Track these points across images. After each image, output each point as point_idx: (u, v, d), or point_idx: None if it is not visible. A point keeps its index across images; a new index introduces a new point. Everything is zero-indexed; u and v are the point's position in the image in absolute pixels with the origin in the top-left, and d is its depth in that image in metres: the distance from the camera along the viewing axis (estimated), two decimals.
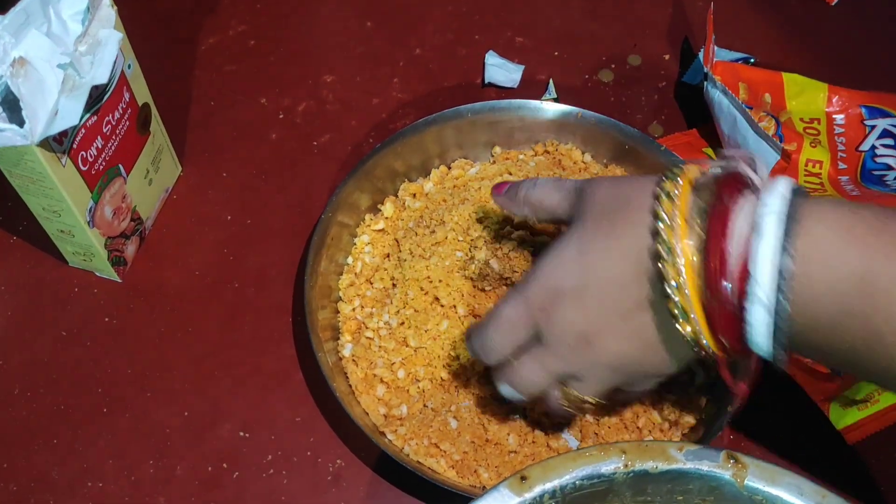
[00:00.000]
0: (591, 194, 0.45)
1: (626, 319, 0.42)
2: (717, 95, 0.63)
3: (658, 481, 0.43)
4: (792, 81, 0.69)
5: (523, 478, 0.42)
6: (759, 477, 0.42)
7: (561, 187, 0.47)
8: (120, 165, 0.57)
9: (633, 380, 0.46)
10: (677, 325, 0.40)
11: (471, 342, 0.48)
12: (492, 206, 0.60)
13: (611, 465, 0.42)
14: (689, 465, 0.42)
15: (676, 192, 0.40)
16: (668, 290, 0.39)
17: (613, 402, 0.53)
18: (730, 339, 0.39)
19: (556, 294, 0.43)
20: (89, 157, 0.52)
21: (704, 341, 0.40)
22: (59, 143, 0.49)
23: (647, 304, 0.41)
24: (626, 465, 0.42)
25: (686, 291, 0.39)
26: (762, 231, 0.36)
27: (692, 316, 0.39)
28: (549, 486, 0.42)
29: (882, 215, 0.36)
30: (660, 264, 0.39)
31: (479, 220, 0.58)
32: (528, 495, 0.41)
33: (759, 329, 0.37)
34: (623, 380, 0.46)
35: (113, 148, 0.55)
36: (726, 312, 0.38)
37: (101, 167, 0.54)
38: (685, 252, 0.39)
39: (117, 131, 0.55)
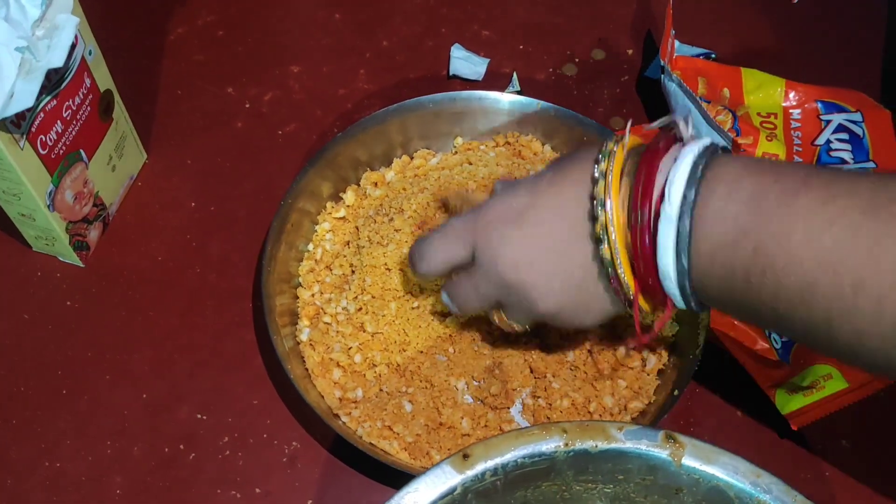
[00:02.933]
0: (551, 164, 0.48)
1: (556, 252, 0.45)
2: (673, 88, 0.65)
3: (599, 460, 0.44)
4: (750, 76, 0.70)
5: (465, 456, 0.42)
6: (696, 456, 0.43)
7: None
8: (81, 151, 0.57)
9: (555, 321, 0.48)
10: (600, 249, 0.43)
11: (413, 247, 0.51)
12: (449, 196, 0.61)
13: (551, 444, 0.43)
14: (628, 445, 0.43)
15: (621, 140, 0.44)
16: (596, 210, 0.42)
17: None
18: (644, 263, 0.42)
19: (501, 215, 0.46)
20: (48, 141, 0.53)
21: (619, 266, 0.42)
22: (16, 126, 0.49)
23: (580, 236, 0.44)
24: (566, 444, 0.43)
25: (610, 212, 0.42)
26: (678, 163, 0.40)
27: (613, 236, 0.42)
28: (490, 464, 0.43)
29: (780, 162, 0.40)
30: (594, 187, 0.42)
31: (438, 209, 0.60)
32: (470, 473, 0.42)
33: (667, 249, 0.40)
34: (545, 318, 0.48)
35: (73, 133, 0.56)
36: (642, 229, 0.41)
37: (62, 151, 0.55)
38: (615, 177, 0.42)
39: (78, 116, 0.56)
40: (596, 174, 0.43)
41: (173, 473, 0.55)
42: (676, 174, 0.39)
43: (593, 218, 0.43)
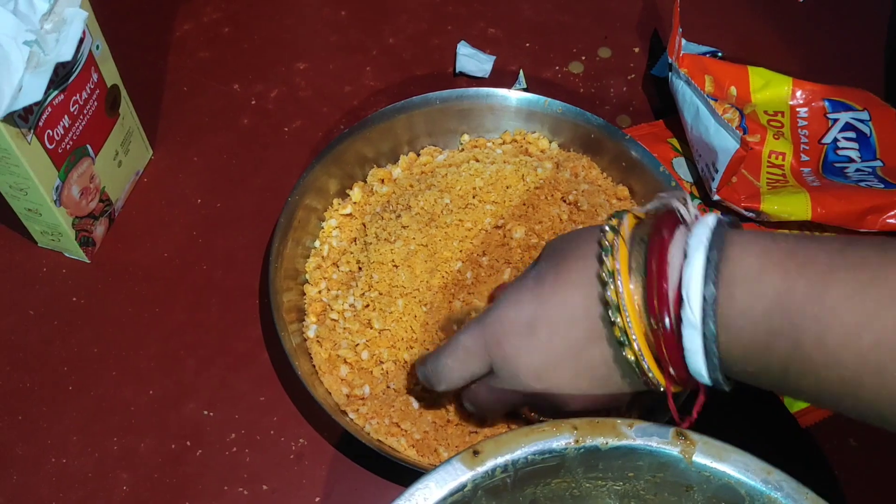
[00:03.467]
0: (547, 246, 0.47)
1: (576, 356, 0.43)
2: (680, 86, 0.65)
3: (609, 457, 0.43)
4: (757, 75, 0.70)
5: (476, 452, 0.42)
6: (707, 454, 0.43)
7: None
8: (88, 146, 0.57)
9: (587, 410, 0.47)
10: (623, 352, 0.41)
11: (423, 367, 0.50)
12: (457, 192, 0.60)
13: (562, 441, 0.43)
14: (638, 442, 0.43)
15: (620, 226, 0.42)
16: (611, 315, 0.41)
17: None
18: (673, 366, 0.40)
19: (511, 328, 0.45)
20: (56, 136, 0.53)
21: (647, 366, 0.41)
22: (24, 120, 0.49)
23: (597, 337, 0.42)
24: (577, 441, 0.43)
25: (627, 316, 0.40)
26: (691, 259, 0.38)
27: (634, 339, 0.40)
28: (501, 460, 0.42)
29: (797, 241, 0.38)
30: (604, 290, 0.41)
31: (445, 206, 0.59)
32: (481, 469, 0.42)
33: (695, 353, 0.39)
34: (577, 410, 0.47)
35: (80, 128, 0.56)
36: (666, 337, 0.39)
37: (68, 146, 0.55)
38: (625, 277, 0.40)
39: (85, 111, 0.55)
40: (603, 275, 0.41)
41: (180, 470, 0.54)
42: (691, 273, 0.38)
43: (609, 322, 0.41)
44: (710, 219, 0.40)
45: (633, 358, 0.41)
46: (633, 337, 0.40)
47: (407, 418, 0.54)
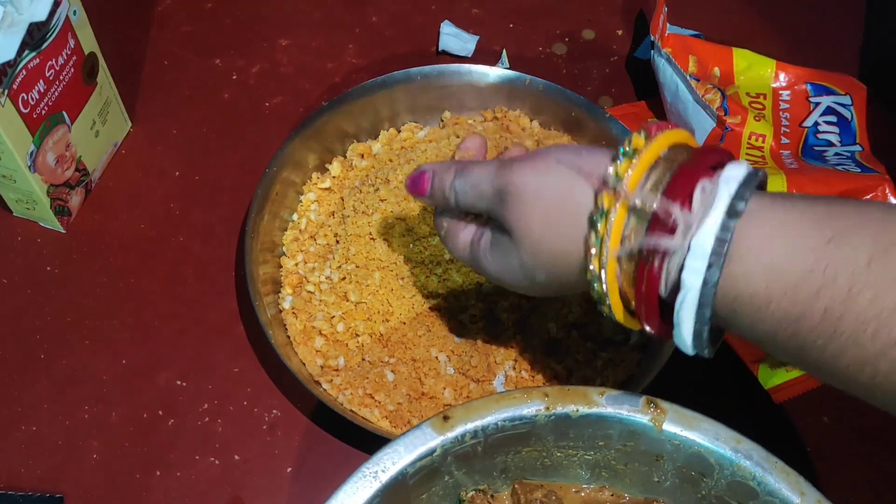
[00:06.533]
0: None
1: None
2: (661, 63, 0.64)
3: (579, 425, 0.43)
4: (741, 57, 0.70)
5: (446, 417, 0.42)
6: (678, 422, 0.43)
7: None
8: (64, 112, 0.57)
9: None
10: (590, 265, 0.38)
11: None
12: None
13: (532, 408, 0.43)
14: (609, 410, 0.43)
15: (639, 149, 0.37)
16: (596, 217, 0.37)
17: None
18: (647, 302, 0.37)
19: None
20: (30, 100, 0.53)
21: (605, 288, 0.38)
22: None
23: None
24: (547, 408, 0.43)
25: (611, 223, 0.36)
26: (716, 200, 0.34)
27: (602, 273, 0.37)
28: (471, 426, 0.42)
29: (830, 204, 0.35)
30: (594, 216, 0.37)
31: None
32: (450, 434, 0.42)
33: (688, 301, 0.35)
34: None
35: (56, 93, 0.55)
36: (652, 275, 0.36)
37: (44, 112, 0.54)
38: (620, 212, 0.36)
39: (61, 77, 0.55)
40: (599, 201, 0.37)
41: (151, 439, 0.54)
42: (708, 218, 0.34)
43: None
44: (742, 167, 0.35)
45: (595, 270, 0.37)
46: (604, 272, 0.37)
47: (381, 390, 0.53)
